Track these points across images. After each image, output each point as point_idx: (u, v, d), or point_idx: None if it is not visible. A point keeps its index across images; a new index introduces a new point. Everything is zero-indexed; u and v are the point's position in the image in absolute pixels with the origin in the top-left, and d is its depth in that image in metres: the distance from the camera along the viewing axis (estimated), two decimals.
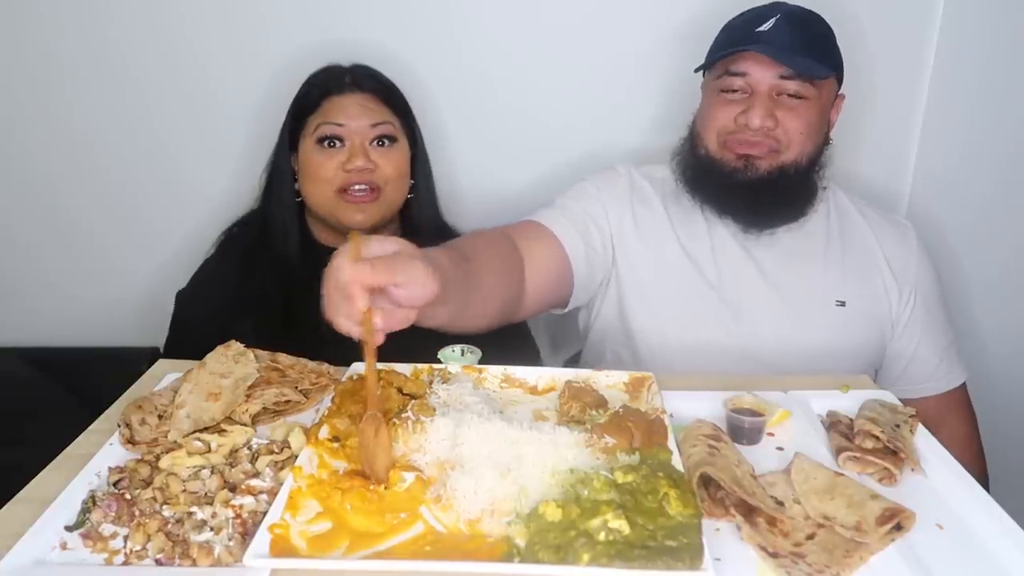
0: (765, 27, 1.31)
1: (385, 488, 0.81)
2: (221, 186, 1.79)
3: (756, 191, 1.34)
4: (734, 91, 1.34)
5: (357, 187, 1.45)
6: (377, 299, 0.80)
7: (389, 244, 0.83)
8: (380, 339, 0.82)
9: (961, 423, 1.46)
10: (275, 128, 1.52)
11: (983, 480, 1.41)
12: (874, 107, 1.82)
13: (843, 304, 1.39)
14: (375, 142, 1.47)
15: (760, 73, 1.31)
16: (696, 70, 1.43)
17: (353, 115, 1.45)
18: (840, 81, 1.40)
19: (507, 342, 1.22)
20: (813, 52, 1.31)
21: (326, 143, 1.45)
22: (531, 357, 1.62)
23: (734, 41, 1.34)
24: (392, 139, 1.48)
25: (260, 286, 1.46)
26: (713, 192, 1.39)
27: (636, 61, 1.78)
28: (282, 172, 1.51)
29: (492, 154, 1.85)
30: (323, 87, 1.48)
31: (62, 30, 1.74)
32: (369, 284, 0.78)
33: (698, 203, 1.42)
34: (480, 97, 1.80)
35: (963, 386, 1.47)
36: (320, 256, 1.46)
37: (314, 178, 1.46)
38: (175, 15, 1.73)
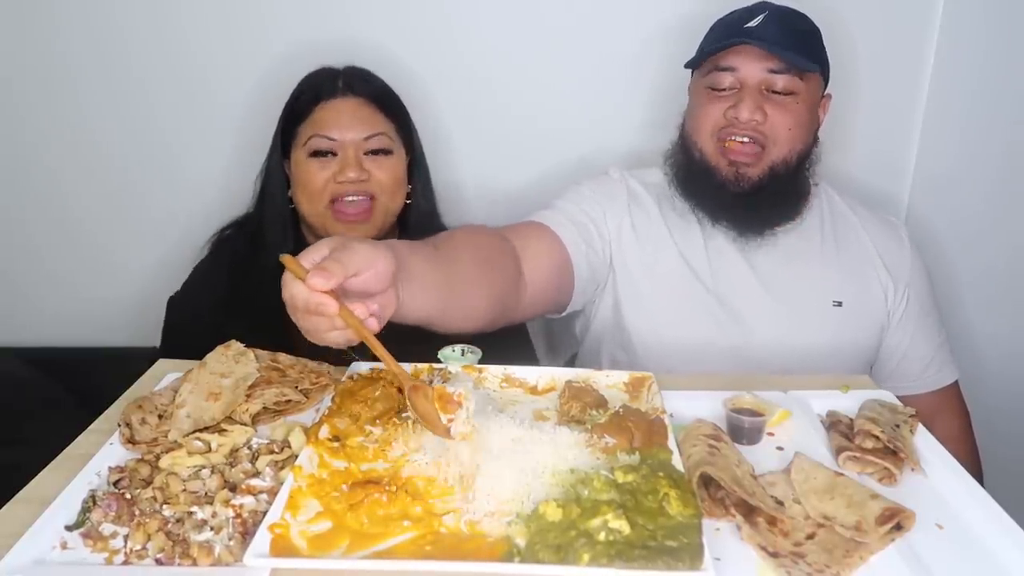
0: (753, 23, 1.33)
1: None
2: (224, 186, 1.78)
3: (748, 198, 1.34)
4: (722, 89, 1.35)
5: (349, 198, 1.42)
6: (348, 301, 0.79)
7: (322, 247, 0.80)
8: (375, 326, 0.81)
9: (954, 418, 1.47)
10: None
11: (978, 476, 1.41)
12: (874, 108, 1.82)
13: (840, 304, 1.39)
14: (368, 152, 1.44)
15: (749, 67, 1.32)
16: (686, 66, 1.42)
17: (345, 126, 1.42)
18: (826, 80, 1.41)
19: (505, 343, 1.22)
20: (801, 47, 1.32)
21: (318, 155, 1.42)
22: (528, 358, 1.61)
23: (723, 37, 1.35)
24: (386, 151, 1.45)
25: (254, 291, 1.41)
26: (706, 199, 1.39)
27: (634, 61, 1.78)
28: (275, 179, 1.48)
29: (492, 155, 1.85)
30: (314, 92, 1.45)
31: (64, 31, 1.74)
32: (327, 288, 0.75)
33: (692, 206, 1.42)
34: (479, 97, 1.80)
35: (955, 384, 1.48)
36: None
37: (306, 188, 1.43)
38: (177, 14, 1.73)
